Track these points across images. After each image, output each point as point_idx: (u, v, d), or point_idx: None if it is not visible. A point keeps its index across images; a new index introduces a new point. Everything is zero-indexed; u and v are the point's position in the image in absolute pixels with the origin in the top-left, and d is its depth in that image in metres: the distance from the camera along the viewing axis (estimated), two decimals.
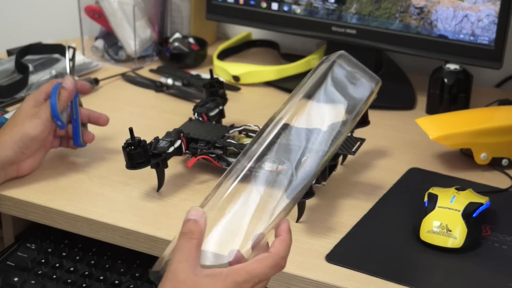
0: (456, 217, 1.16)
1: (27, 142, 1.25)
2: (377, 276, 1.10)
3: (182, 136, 1.29)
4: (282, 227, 0.91)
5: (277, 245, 0.89)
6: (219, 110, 1.40)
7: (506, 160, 1.37)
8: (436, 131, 1.34)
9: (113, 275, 1.23)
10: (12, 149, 1.24)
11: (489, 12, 1.48)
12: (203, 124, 1.36)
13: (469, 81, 1.54)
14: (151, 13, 1.75)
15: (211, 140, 1.29)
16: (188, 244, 0.86)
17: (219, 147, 1.29)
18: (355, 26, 1.59)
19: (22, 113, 1.28)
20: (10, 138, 1.25)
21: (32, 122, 1.26)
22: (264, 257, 0.88)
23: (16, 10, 2.07)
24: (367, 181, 1.32)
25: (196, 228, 0.87)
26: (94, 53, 1.76)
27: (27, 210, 1.26)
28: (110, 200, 1.26)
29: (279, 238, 0.90)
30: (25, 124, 1.26)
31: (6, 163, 1.25)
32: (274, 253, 0.89)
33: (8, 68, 1.61)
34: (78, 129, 1.31)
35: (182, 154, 1.29)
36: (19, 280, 1.22)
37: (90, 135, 1.33)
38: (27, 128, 1.25)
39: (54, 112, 1.27)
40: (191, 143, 1.30)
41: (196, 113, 1.38)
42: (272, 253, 0.89)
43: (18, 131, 1.25)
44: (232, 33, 1.88)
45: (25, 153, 1.26)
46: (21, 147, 1.25)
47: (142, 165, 1.23)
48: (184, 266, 0.85)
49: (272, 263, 0.88)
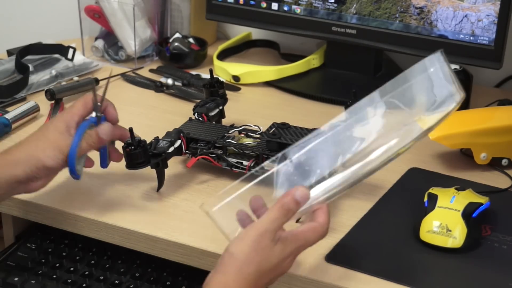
0: (456, 217, 1.16)
1: (40, 169, 1.17)
2: (377, 276, 1.10)
3: (182, 136, 1.29)
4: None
5: (323, 215, 1.03)
6: (219, 110, 1.40)
7: (506, 160, 1.37)
8: (436, 131, 1.33)
9: (113, 275, 1.23)
10: (24, 171, 1.16)
11: (489, 12, 1.48)
12: (203, 124, 1.36)
13: (469, 81, 1.54)
14: (151, 13, 1.75)
15: (211, 140, 1.29)
16: (281, 220, 0.99)
17: (219, 147, 1.29)
18: (355, 26, 1.59)
19: (48, 136, 1.18)
20: (25, 159, 1.16)
21: (52, 153, 1.16)
22: (315, 226, 1.02)
23: (16, 10, 2.07)
24: (367, 181, 1.31)
25: (294, 209, 0.99)
26: (94, 53, 1.76)
27: (27, 210, 1.26)
28: (110, 200, 1.26)
29: (322, 210, 1.03)
30: (46, 152, 1.16)
31: (14, 182, 1.17)
32: (323, 223, 1.03)
33: (8, 68, 1.61)
34: (105, 153, 1.22)
35: (182, 154, 1.29)
36: (19, 280, 1.22)
37: (121, 155, 1.24)
38: (45, 158, 1.16)
39: (71, 163, 1.16)
40: (191, 143, 1.30)
41: (196, 113, 1.38)
42: (321, 223, 1.03)
43: (36, 157, 1.16)
44: (232, 33, 1.88)
45: (36, 177, 1.18)
46: (34, 172, 1.17)
47: (142, 165, 1.23)
48: (269, 236, 0.98)
49: (321, 232, 1.03)
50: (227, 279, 0.97)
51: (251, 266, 0.97)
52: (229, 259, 0.98)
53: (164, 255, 1.19)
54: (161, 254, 1.19)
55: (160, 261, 1.22)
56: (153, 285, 1.21)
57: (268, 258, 0.98)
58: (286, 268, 1.02)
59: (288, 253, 1.00)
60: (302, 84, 1.67)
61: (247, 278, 0.97)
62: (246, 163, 1.27)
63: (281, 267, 1.01)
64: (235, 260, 0.97)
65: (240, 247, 0.98)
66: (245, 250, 0.97)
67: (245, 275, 0.97)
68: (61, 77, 1.63)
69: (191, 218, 1.21)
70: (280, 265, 1.00)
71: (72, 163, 1.16)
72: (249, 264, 0.97)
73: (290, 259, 1.02)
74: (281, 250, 0.99)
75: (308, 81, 1.68)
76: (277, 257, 0.99)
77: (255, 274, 0.98)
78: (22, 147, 1.18)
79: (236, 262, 0.97)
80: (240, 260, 0.97)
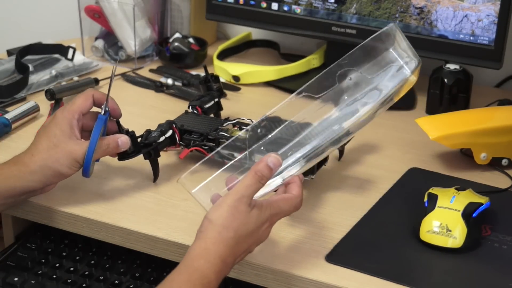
0: (456, 217, 1.16)
1: (56, 177, 1.19)
2: (377, 276, 1.10)
3: (174, 127, 1.30)
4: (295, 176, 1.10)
5: (297, 188, 1.08)
6: (214, 102, 1.41)
7: (506, 160, 1.37)
8: (436, 131, 1.34)
9: (113, 275, 1.23)
10: (40, 181, 1.18)
11: (489, 12, 1.48)
12: (198, 116, 1.37)
13: (469, 81, 1.54)
14: (151, 13, 1.75)
15: (204, 132, 1.31)
16: (255, 186, 1.03)
17: (212, 139, 1.30)
18: (355, 26, 1.59)
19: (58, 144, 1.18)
20: (41, 170, 1.17)
21: (67, 161, 1.17)
22: (290, 197, 1.07)
23: (16, 10, 2.07)
24: (367, 181, 1.32)
25: (268, 176, 1.04)
26: (94, 53, 1.76)
27: (27, 210, 1.26)
28: (110, 200, 1.26)
29: (295, 183, 1.09)
30: (60, 161, 1.17)
31: (30, 191, 1.19)
32: (297, 195, 1.08)
33: (8, 68, 1.61)
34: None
35: (176, 145, 1.31)
36: (19, 280, 1.22)
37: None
38: (61, 167, 1.17)
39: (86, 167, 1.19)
40: (185, 135, 1.31)
41: (191, 106, 1.40)
42: (295, 195, 1.08)
43: (52, 168, 1.17)
44: (232, 33, 1.88)
45: (49, 185, 1.21)
46: (50, 181, 1.19)
47: (133, 155, 1.24)
48: (245, 201, 1.02)
49: (295, 203, 1.07)
50: (206, 244, 1.01)
51: (229, 231, 1.01)
52: (208, 225, 1.02)
53: (164, 255, 1.19)
54: (161, 254, 1.19)
55: (160, 261, 1.22)
56: (153, 285, 1.21)
57: (245, 223, 1.02)
58: (263, 236, 1.06)
59: (264, 219, 1.04)
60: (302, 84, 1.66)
61: (226, 243, 1.01)
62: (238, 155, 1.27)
63: (258, 233, 1.05)
64: (214, 226, 1.01)
65: (218, 213, 1.02)
66: (223, 215, 1.01)
67: (224, 240, 1.01)
68: (61, 77, 1.63)
69: (191, 218, 1.21)
70: (257, 231, 1.04)
71: (87, 167, 1.19)
72: (227, 228, 1.01)
73: (266, 226, 1.05)
74: (257, 215, 1.03)
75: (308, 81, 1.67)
76: (254, 222, 1.03)
77: (234, 239, 1.01)
78: (35, 157, 1.17)
79: (215, 227, 1.01)
80: (219, 225, 1.01)
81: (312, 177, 1.26)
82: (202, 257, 1.00)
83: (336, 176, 1.33)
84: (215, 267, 1.00)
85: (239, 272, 1.14)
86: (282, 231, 1.19)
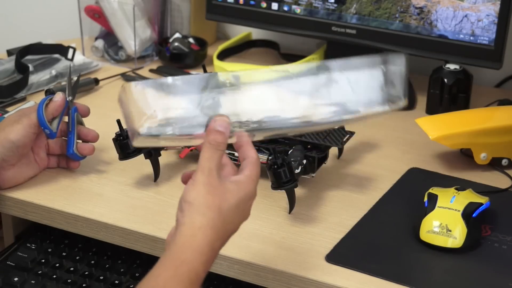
0: (456, 217, 1.16)
1: (7, 146, 1.22)
2: (377, 276, 1.10)
3: None
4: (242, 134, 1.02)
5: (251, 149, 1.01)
6: None
7: (506, 160, 1.37)
8: (436, 131, 1.34)
9: (113, 275, 1.23)
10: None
11: (489, 12, 1.48)
12: None
13: (469, 81, 1.54)
14: (151, 13, 1.75)
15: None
16: (216, 155, 0.97)
17: None
18: (355, 26, 1.59)
19: (4, 121, 1.25)
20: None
21: (13, 127, 1.23)
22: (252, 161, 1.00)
23: (16, 10, 2.07)
24: (367, 181, 1.32)
25: (222, 140, 0.98)
26: (94, 53, 1.76)
27: (27, 210, 1.26)
28: (110, 200, 1.26)
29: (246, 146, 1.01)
30: (6, 129, 1.23)
31: None
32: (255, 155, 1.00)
33: (8, 68, 1.61)
34: (72, 140, 1.28)
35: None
36: (19, 280, 1.22)
37: (90, 147, 1.30)
38: (7, 133, 1.23)
39: (40, 119, 1.24)
40: None
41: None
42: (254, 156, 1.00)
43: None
44: (232, 33, 1.88)
45: (6, 160, 1.23)
46: (2, 153, 1.22)
47: (134, 154, 1.24)
48: (215, 174, 0.96)
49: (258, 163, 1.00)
50: (193, 230, 0.94)
51: (213, 210, 0.95)
52: (189, 208, 0.95)
53: None
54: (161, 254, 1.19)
55: None
56: None
57: (225, 198, 0.96)
58: (247, 213, 1.00)
59: (243, 194, 0.98)
60: None
61: (213, 224, 0.95)
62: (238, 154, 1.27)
63: (240, 209, 0.98)
64: (195, 207, 0.95)
65: (195, 192, 0.95)
66: (201, 192, 0.95)
67: (210, 222, 0.94)
68: (61, 77, 1.63)
69: None
70: (239, 207, 0.97)
71: (41, 116, 1.24)
72: (210, 207, 0.95)
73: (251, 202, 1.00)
74: (236, 189, 0.97)
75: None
76: (235, 196, 0.97)
77: (219, 218, 0.95)
78: None
79: (198, 209, 0.95)
80: (200, 204, 0.95)
81: (313, 175, 1.26)
82: (189, 246, 0.94)
83: (336, 176, 1.33)
84: (203, 256, 0.94)
85: (239, 272, 1.14)
86: (282, 231, 1.19)
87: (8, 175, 1.25)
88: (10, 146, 1.23)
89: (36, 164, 1.28)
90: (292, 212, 1.22)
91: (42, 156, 1.29)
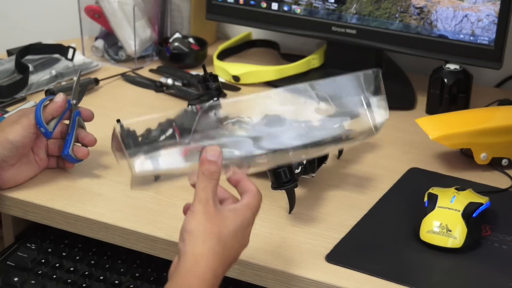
0: (456, 217, 1.16)
1: (7, 147, 1.22)
2: (377, 276, 1.10)
3: (174, 126, 1.30)
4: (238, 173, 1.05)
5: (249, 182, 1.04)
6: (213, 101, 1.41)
7: (506, 160, 1.37)
8: (436, 131, 1.34)
9: (113, 275, 1.23)
10: None
11: (489, 12, 1.48)
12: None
13: (469, 81, 1.54)
14: (151, 13, 1.75)
15: None
16: (211, 184, 0.99)
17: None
18: (355, 26, 1.59)
19: (4, 122, 1.25)
20: None
21: (12, 127, 1.23)
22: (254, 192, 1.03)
23: (16, 10, 2.07)
24: (367, 181, 1.32)
25: (216, 169, 1.00)
26: (94, 53, 1.76)
27: (27, 210, 1.26)
28: (110, 200, 1.26)
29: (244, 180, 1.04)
30: (5, 130, 1.23)
31: None
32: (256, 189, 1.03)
33: (8, 68, 1.61)
34: (69, 141, 1.28)
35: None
36: (19, 280, 1.22)
37: (84, 150, 1.30)
38: (7, 134, 1.23)
39: (37, 118, 1.24)
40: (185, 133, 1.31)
41: (190, 105, 1.39)
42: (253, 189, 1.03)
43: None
44: (232, 33, 1.88)
45: (6, 161, 1.23)
46: (1, 153, 1.22)
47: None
48: (212, 203, 0.99)
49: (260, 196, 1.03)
50: (195, 258, 0.96)
51: (212, 237, 0.97)
52: (189, 237, 0.97)
53: (164, 255, 1.19)
54: (161, 254, 1.19)
55: (160, 261, 1.22)
56: (153, 285, 1.21)
57: (224, 225, 0.99)
58: (246, 240, 1.02)
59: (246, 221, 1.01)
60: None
61: (213, 251, 0.97)
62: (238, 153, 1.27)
63: (240, 237, 1.00)
64: (196, 236, 0.97)
65: (195, 222, 0.98)
66: (201, 222, 0.97)
67: (211, 249, 0.97)
68: (61, 77, 1.63)
69: None
70: (237, 234, 1.00)
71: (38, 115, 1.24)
72: (210, 235, 0.97)
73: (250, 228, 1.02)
74: (234, 216, 1.00)
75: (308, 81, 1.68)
76: (233, 223, 0.99)
77: (219, 245, 0.97)
78: None
79: (198, 237, 0.97)
80: (200, 233, 0.97)
81: (313, 175, 1.26)
82: (193, 274, 0.96)
83: (336, 176, 1.33)
84: (206, 283, 0.96)
85: (239, 272, 1.14)
86: (282, 231, 1.19)
87: (8, 175, 1.25)
88: (9, 146, 1.23)
89: (36, 164, 1.28)
90: (292, 212, 1.22)
91: (42, 157, 1.29)
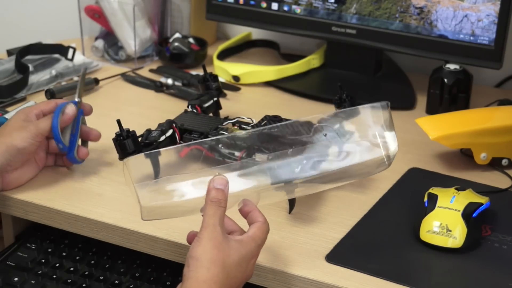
0: (456, 217, 1.16)
1: (13, 153, 1.23)
2: (377, 276, 1.10)
3: (174, 126, 1.30)
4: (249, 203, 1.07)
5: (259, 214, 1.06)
6: (213, 101, 1.42)
7: (506, 160, 1.37)
8: (436, 131, 1.34)
9: (113, 275, 1.23)
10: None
11: (489, 12, 1.48)
12: (197, 115, 1.37)
13: (469, 81, 1.54)
14: (151, 13, 1.75)
15: (204, 131, 1.31)
16: (219, 212, 1.02)
17: None
18: (355, 26, 1.59)
19: (10, 125, 1.25)
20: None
21: (20, 134, 1.23)
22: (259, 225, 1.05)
23: (16, 10, 2.07)
24: (367, 181, 1.32)
25: (223, 197, 1.03)
26: (94, 53, 1.76)
27: (27, 210, 1.26)
28: (110, 200, 1.26)
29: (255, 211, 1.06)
30: (13, 135, 1.23)
31: None
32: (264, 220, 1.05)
33: (8, 68, 1.61)
34: (74, 143, 1.28)
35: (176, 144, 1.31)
36: (19, 280, 1.22)
37: (85, 151, 1.30)
38: (14, 140, 1.23)
39: (55, 135, 1.25)
40: (185, 134, 1.32)
41: (190, 105, 1.40)
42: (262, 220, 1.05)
43: (4, 142, 1.22)
44: (232, 33, 1.88)
45: (10, 165, 1.24)
46: (7, 159, 1.22)
47: (134, 154, 1.24)
48: (220, 230, 1.01)
49: (267, 228, 1.05)
50: (198, 284, 0.98)
51: (217, 265, 0.99)
52: (195, 263, 0.99)
53: (164, 255, 1.19)
54: (161, 254, 1.19)
55: (160, 261, 1.22)
56: (153, 285, 1.21)
57: (229, 254, 1.00)
58: (250, 272, 1.04)
59: (250, 253, 1.03)
60: (302, 84, 1.67)
61: (217, 279, 0.99)
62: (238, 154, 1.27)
63: (244, 267, 1.02)
64: (201, 263, 0.99)
65: (201, 248, 1.00)
66: (207, 249, 1.00)
67: (214, 276, 0.99)
68: (61, 77, 1.63)
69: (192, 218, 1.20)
70: (241, 264, 1.02)
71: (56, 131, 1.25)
72: (214, 262, 0.99)
73: (254, 260, 1.04)
74: (239, 246, 1.02)
75: (308, 81, 1.68)
76: (238, 253, 1.01)
77: (223, 273, 0.99)
78: None
79: (203, 264, 0.99)
80: (206, 260, 0.99)
81: None
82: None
83: None
84: None
85: None
86: (282, 231, 1.19)
87: (11, 178, 1.26)
88: (15, 153, 1.23)
89: (36, 164, 1.29)
90: (292, 212, 1.22)
91: (42, 156, 1.29)
